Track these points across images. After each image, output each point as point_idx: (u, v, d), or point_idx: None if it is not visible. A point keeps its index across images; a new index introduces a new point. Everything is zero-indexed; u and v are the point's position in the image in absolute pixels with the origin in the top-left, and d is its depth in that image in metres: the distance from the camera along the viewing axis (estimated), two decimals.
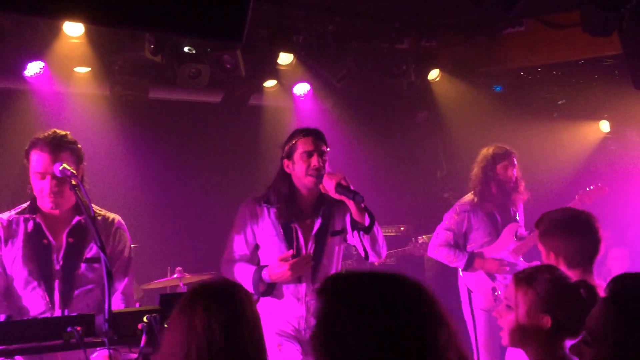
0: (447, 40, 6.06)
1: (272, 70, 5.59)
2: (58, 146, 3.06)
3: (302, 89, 6.08)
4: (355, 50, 5.77)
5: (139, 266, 5.19)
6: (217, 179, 6.16)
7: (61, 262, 3.13)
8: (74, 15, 2.68)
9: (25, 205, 3.20)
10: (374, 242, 3.39)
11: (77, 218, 3.16)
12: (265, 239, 3.50)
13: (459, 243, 4.85)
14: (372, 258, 3.44)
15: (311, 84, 6.03)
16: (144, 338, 2.49)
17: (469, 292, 4.80)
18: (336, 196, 3.31)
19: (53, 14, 2.59)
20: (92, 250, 3.18)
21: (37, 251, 3.12)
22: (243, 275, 3.47)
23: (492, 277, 4.77)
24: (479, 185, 4.82)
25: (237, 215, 3.56)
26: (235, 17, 2.51)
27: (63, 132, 3.12)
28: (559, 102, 7.15)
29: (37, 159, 3.05)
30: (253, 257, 3.57)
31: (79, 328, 2.48)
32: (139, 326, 2.52)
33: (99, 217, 3.25)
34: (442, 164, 7.12)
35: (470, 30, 5.88)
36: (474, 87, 6.23)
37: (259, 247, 3.55)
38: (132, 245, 3.35)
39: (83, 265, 3.16)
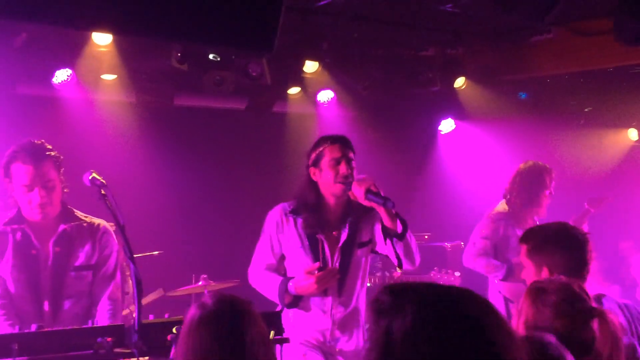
0: (473, 48, 6.01)
1: (297, 78, 5.58)
2: (41, 156, 3.06)
3: (325, 96, 6.07)
4: (381, 58, 5.75)
5: (164, 273, 5.23)
6: (240, 186, 6.17)
7: (49, 272, 3.12)
8: (103, 27, 2.70)
9: (10, 215, 3.18)
10: (407, 249, 3.29)
11: (62, 227, 3.16)
12: (291, 249, 3.45)
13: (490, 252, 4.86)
14: (406, 266, 3.34)
15: (335, 91, 6.01)
16: (173, 349, 2.48)
17: (507, 301, 4.80)
18: (366, 203, 3.23)
19: (83, 26, 2.61)
20: (79, 259, 3.18)
21: (26, 262, 3.12)
22: (269, 286, 3.44)
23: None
24: (517, 197, 4.83)
25: (265, 224, 3.52)
26: (266, 28, 2.51)
27: (39, 141, 3.12)
28: (586, 110, 7.05)
29: (22, 172, 3.04)
30: (280, 267, 3.54)
31: (109, 339, 2.49)
32: (168, 337, 2.52)
33: (85, 224, 3.24)
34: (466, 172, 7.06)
35: (497, 38, 5.82)
36: (500, 94, 6.17)
37: (285, 257, 3.52)
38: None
39: (71, 274, 3.16)
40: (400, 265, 3.36)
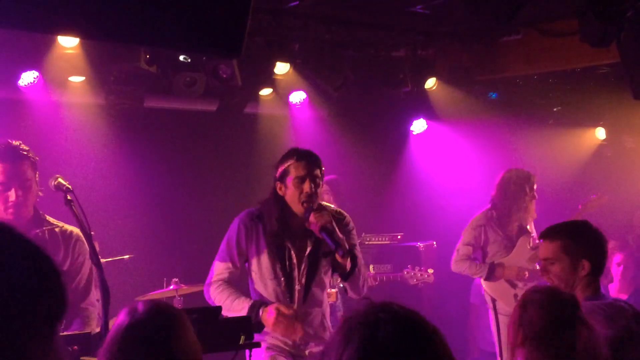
0: (444, 49, 6.05)
1: (269, 79, 5.56)
2: (17, 156, 3.05)
3: (298, 97, 6.06)
4: (352, 59, 5.75)
5: (135, 277, 5.18)
6: (212, 188, 6.12)
7: None
8: (69, 31, 2.66)
9: None
10: (354, 285, 3.47)
11: (34, 231, 3.11)
12: (258, 256, 3.46)
13: (477, 257, 5.11)
14: (351, 295, 3.55)
15: (307, 93, 6.00)
16: None
17: (494, 301, 5.05)
18: (320, 236, 3.32)
19: (48, 29, 2.56)
20: None
21: None
22: (235, 306, 3.38)
23: (513, 284, 5.05)
24: (500, 204, 5.09)
25: (230, 230, 3.51)
26: (233, 32, 2.48)
27: (17, 142, 3.10)
28: (555, 109, 7.16)
29: None
30: (242, 274, 3.54)
31: (75, 347, 2.45)
32: None
33: (57, 229, 3.20)
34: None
35: (467, 39, 5.87)
36: (471, 95, 6.23)
37: (250, 263, 3.52)
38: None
39: None
40: (345, 291, 3.61)
